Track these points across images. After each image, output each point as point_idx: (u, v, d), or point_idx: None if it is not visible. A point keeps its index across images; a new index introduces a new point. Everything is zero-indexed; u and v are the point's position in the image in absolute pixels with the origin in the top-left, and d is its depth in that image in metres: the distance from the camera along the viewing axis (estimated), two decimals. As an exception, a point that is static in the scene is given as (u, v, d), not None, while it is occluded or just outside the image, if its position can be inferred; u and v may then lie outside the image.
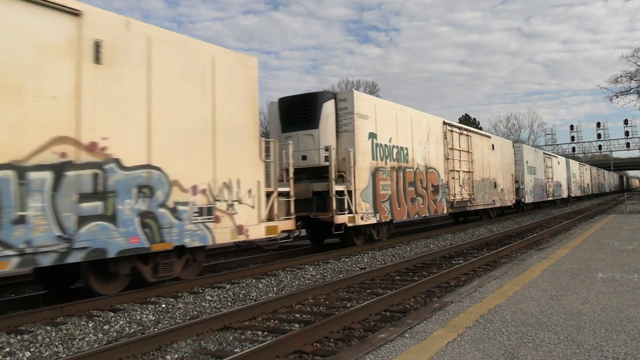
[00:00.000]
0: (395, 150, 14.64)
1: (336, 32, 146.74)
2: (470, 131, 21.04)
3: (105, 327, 6.26)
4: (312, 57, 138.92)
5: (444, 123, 18.32)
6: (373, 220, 13.30)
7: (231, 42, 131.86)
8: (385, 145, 14.15)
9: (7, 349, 5.44)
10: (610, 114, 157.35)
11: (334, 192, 11.90)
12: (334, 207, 11.83)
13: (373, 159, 13.44)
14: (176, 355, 5.18)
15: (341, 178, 12.55)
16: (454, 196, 18.48)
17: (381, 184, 13.70)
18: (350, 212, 12.38)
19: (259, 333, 5.90)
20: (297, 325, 6.08)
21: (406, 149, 15.36)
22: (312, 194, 12.24)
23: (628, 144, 69.39)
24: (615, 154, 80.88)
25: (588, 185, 57.18)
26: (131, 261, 7.60)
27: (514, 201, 26.55)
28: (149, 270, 7.90)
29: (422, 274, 9.59)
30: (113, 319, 6.57)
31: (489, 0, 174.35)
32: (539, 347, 4.10)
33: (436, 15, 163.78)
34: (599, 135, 72.06)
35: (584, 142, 75.05)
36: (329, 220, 11.91)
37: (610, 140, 72.51)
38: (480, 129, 57.89)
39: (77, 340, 5.79)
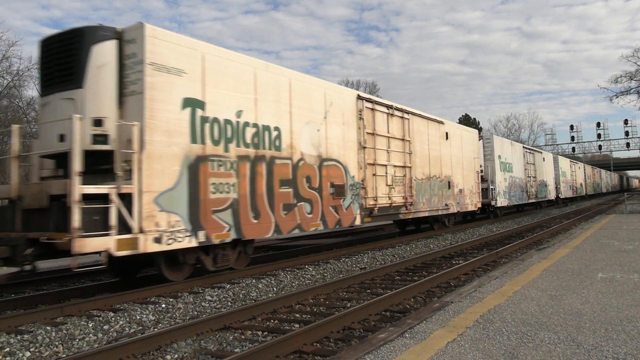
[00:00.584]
0: (250, 131, 9.46)
1: (336, 32, 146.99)
2: (407, 112, 15.26)
3: (105, 327, 6.26)
4: (313, 57, 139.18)
5: (360, 98, 13.07)
6: (189, 243, 8.14)
7: (231, 41, 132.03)
8: (228, 122, 9.00)
9: (7, 349, 5.44)
10: (611, 114, 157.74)
11: (77, 198, 6.74)
12: (77, 224, 6.69)
13: (194, 142, 8.32)
14: (176, 355, 5.18)
15: (107, 174, 7.69)
16: (376, 200, 13.25)
17: (213, 182, 8.62)
18: (127, 231, 7.29)
19: (259, 333, 5.91)
20: (297, 325, 6.08)
21: (277, 129, 10.04)
22: (48, 200, 7.35)
23: (628, 144, 69.45)
24: (615, 154, 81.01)
25: (581, 185, 51.42)
26: None
27: (479, 205, 21.08)
28: None
29: (422, 274, 9.59)
30: (113, 319, 6.57)
31: (490, 0, 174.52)
32: (539, 347, 4.10)
33: (436, 15, 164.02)
34: (599, 135, 72.12)
35: (584, 142, 75.20)
36: (65, 248, 6.74)
37: (610, 140, 72.63)
38: (480, 129, 57.30)
39: (77, 340, 5.79)
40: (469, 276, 9.18)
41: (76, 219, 6.74)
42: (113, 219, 7.17)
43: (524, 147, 30.43)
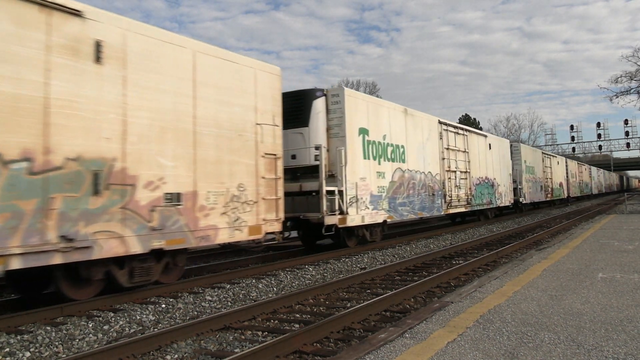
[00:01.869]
0: None
1: (337, 32, 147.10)
2: None
3: (105, 327, 6.25)
4: (313, 57, 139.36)
5: None
6: None
7: (232, 42, 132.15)
8: None
9: (7, 349, 5.44)
10: (611, 114, 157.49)
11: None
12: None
13: None
14: (176, 355, 5.18)
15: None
16: None
17: None
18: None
19: (259, 333, 5.90)
20: (297, 325, 6.08)
21: None
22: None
23: (628, 144, 69.46)
24: (616, 154, 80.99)
25: (561, 185, 39.54)
26: None
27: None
28: None
29: (422, 274, 9.59)
30: (113, 319, 6.57)
31: (490, 0, 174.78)
32: (539, 347, 4.10)
33: (437, 15, 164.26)
34: (599, 136, 72.12)
35: (584, 142, 75.17)
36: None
37: (610, 140, 72.61)
38: (480, 129, 56.48)
39: (77, 340, 5.79)
40: (469, 276, 9.18)
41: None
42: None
43: (440, 121, 17.86)
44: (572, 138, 74.45)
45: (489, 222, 23.01)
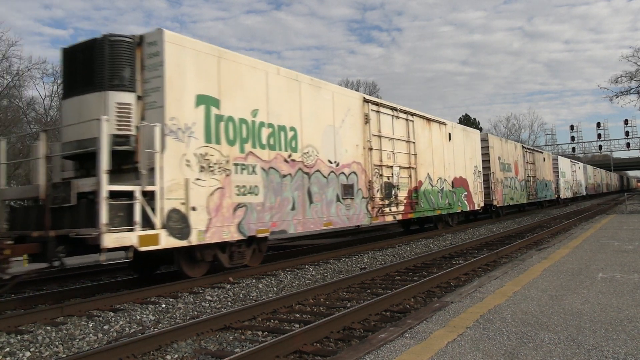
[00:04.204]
0: None
1: (338, 31, 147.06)
2: None
3: (105, 327, 6.26)
4: (314, 57, 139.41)
5: None
6: None
7: (233, 41, 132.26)
8: None
9: (7, 349, 5.44)
10: (612, 114, 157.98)
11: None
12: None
13: None
14: (176, 355, 5.18)
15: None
16: None
17: None
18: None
19: (259, 333, 5.90)
20: (297, 325, 6.08)
21: None
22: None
23: (628, 144, 69.48)
24: (616, 154, 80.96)
25: (463, 185, 19.15)
26: None
27: None
28: None
29: (422, 274, 9.59)
30: (113, 319, 6.57)
31: (492, 0, 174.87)
32: (539, 347, 4.10)
33: (439, 15, 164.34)
34: (599, 136, 72.11)
35: (584, 142, 75.16)
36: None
37: (610, 140, 72.61)
38: (480, 129, 56.68)
39: (77, 340, 5.79)
40: (469, 276, 9.18)
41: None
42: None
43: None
44: (572, 138, 74.47)
45: (490, 221, 23.00)
